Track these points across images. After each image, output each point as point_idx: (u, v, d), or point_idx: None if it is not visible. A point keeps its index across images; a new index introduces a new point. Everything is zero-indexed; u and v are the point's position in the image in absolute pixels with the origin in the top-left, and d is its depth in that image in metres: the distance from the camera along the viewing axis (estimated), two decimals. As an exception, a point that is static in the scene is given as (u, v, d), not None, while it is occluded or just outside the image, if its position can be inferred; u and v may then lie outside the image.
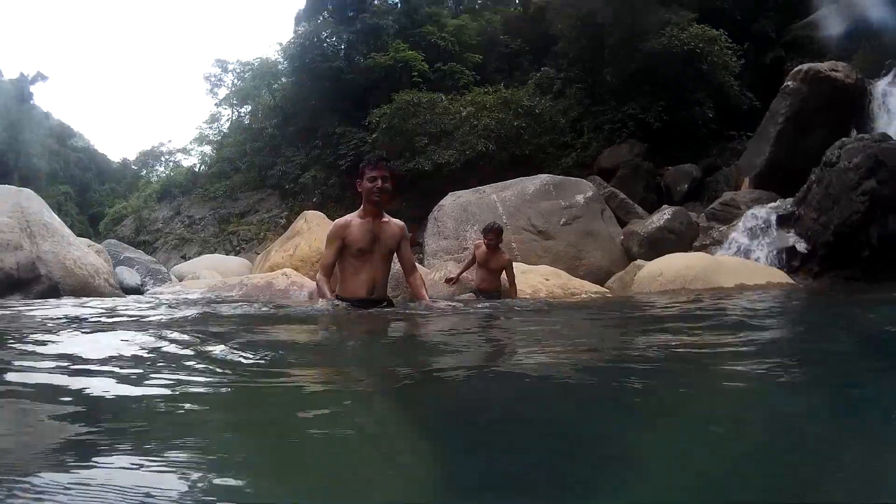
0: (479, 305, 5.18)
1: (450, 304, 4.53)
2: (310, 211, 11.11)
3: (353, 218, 4.07)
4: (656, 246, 10.43)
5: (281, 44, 32.43)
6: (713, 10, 16.36)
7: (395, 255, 4.20)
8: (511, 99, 17.07)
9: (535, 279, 7.47)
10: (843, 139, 10.13)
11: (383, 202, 3.99)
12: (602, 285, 8.52)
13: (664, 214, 11.35)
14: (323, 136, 21.90)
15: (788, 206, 10.35)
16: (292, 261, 9.33)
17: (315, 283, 4.37)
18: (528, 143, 16.48)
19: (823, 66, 11.49)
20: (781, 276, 8.26)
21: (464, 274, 7.05)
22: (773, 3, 16.64)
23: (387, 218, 4.12)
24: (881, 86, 11.08)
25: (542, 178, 10.71)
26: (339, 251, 4.01)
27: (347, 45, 22.84)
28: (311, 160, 22.72)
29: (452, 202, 10.28)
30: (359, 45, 22.32)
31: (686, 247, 10.66)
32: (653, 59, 15.33)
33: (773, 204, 10.87)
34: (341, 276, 4.05)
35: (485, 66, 22.03)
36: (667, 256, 8.84)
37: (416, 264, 4.56)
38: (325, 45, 23.18)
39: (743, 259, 9.13)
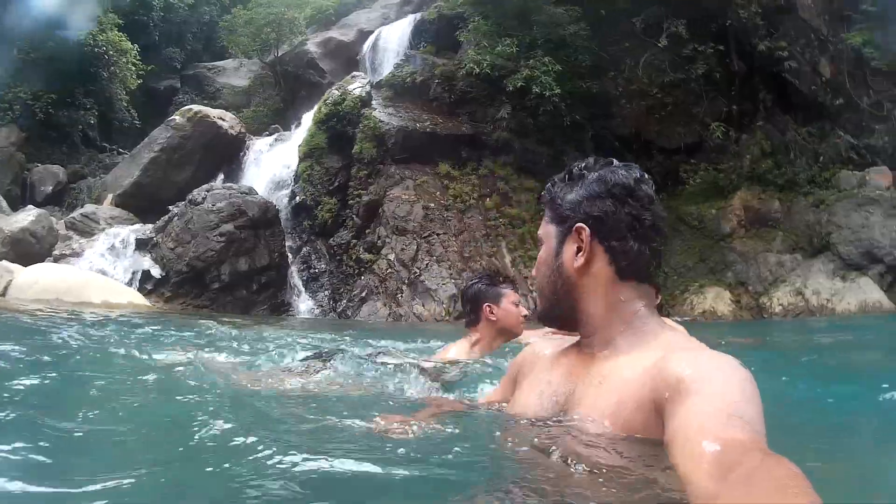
0: None
1: None
2: None
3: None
4: (18, 247, 9.96)
5: None
6: (138, 23, 15.79)
7: None
8: None
9: None
10: (212, 184, 11.22)
11: None
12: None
13: (29, 215, 10.64)
14: None
15: (148, 231, 10.84)
16: None
17: None
18: None
19: (213, 112, 12.45)
20: (141, 299, 9.05)
21: None
22: (191, 36, 17.29)
23: None
24: (260, 144, 12.67)
25: None
26: None
27: None
28: None
29: None
30: None
31: (46, 253, 10.32)
32: (65, 49, 14.05)
33: (133, 227, 11.25)
34: None
35: None
36: (41, 266, 9.06)
37: None
38: None
39: (108, 278, 9.52)
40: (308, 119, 11.30)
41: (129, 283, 9.86)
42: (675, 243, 10.97)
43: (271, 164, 11.52)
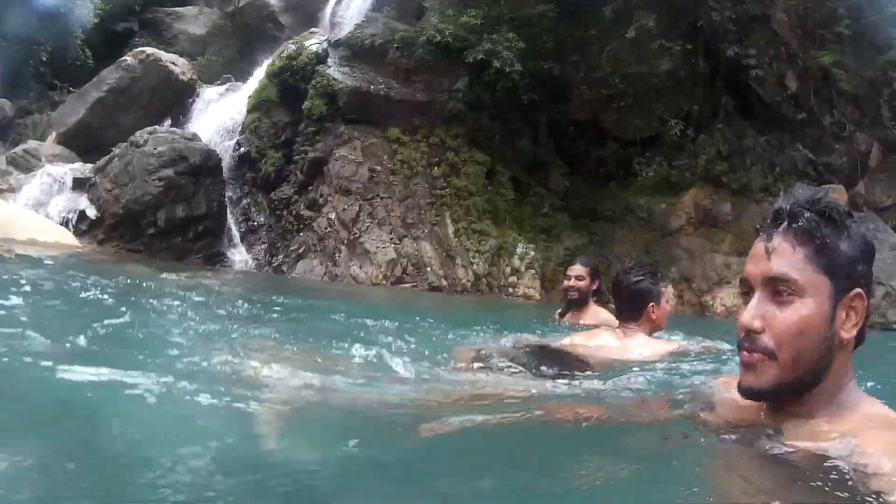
0: None
1: None
2: None
3: None
4: (-52, 180, 9.76)
5: None
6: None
7: None
8: None
9: None
10: (156, 126, 10.90)
11: None
12: None
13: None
14: None
15: (87, 171, 10.57)
16: None
17: None
18: None
19: (165, 56, 12.07)
20: (70, 238, 8.76)
21: None
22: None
23: None
24: (211, 93, 12.32)
25: None
26: None
27: None
28: None
29: None
30: None
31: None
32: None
33: (73, 165, 11.02)
34: None
35: None
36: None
37: None
38: None
39: (39, 215, 9.33)
40: (261, 71, 11.02)
41: (65, 223, 9.63)
42: (622, 233, 10.96)
43: (220, 114, 11.22)
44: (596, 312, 4.09)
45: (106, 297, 4.11)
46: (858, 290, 1.04)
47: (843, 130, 14.02)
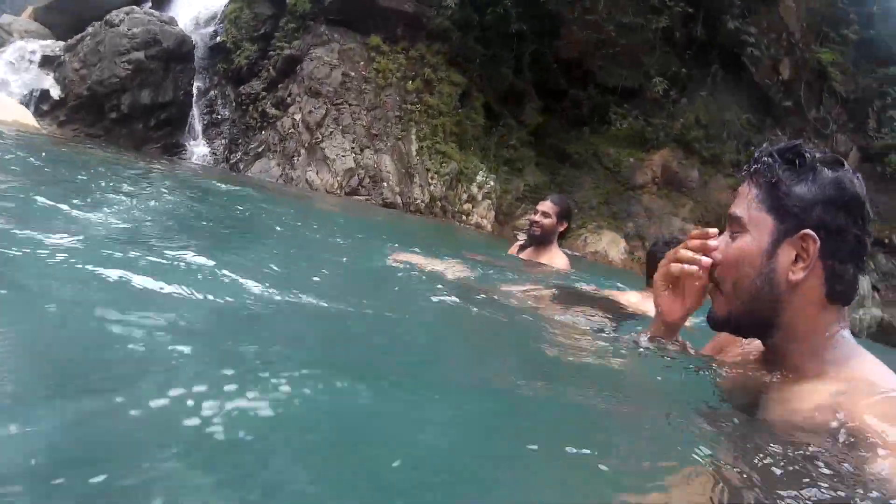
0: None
1: None
2: None
3: None
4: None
5: None
6: None
7: None
8: None
9: None
10: (134, 6, 10.48)
11: None
12: None
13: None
14: None
15: (58, 49, 10.26)
16: None
17: None
18: None
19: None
20: (30, 119, 8.45)
21: None
22: None
23: None
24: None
25: None
26: None
27: None
28: None
29: None
30: None
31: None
32: None
33: (44, 42, 10.74)
34: None
35: None
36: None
37: None
38: None
39: None
40: (248, -41, 10.63)
41: (27, 103, 9.30)
42: (586, 178, 11.01)
43: (202, 0, 10.87)
44: (553, 256, 3.90)
45: (49, 180, 3.99)
46: (808, 231, 1.05)
47: (826, 128, 14.09)
